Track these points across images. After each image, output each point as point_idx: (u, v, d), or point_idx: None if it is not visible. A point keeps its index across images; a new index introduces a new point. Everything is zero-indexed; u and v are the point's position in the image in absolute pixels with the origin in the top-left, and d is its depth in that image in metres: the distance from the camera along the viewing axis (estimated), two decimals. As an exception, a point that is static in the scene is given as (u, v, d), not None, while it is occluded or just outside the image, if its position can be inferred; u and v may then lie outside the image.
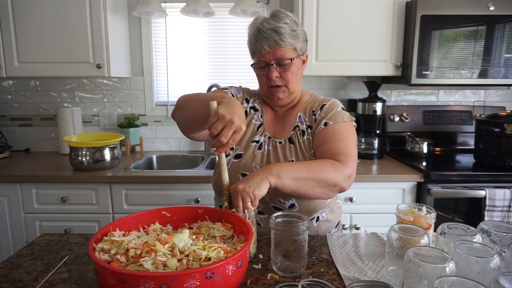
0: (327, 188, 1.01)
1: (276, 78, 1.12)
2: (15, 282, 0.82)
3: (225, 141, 0.84)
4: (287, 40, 1.09)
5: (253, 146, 1.18)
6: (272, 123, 1.23)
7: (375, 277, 0.84)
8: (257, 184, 0.91)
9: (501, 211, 1.77)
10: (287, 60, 1.11)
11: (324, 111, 1.17)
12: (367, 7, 2.00)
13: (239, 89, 1.27)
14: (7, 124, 2.46)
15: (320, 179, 0.99)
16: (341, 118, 1.15)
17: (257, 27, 1.10)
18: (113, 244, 0.75)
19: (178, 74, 2.48)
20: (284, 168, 0.97)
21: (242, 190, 0.89)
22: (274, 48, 1.09)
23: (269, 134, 1.20)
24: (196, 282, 0.61)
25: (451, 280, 0.60)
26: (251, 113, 1.24)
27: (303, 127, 1.18)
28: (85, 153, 1.89)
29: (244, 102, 1.25)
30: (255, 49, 1.12)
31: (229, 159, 1.18)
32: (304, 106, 1.22)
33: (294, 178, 0.96)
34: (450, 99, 2.47)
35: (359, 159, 2.16)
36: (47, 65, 2.05)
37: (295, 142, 1.17)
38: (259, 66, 1.14)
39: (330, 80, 2.43)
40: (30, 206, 1.88)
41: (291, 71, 1.13)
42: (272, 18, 1.11)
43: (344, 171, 1.02)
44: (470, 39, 1.95)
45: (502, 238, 0.79)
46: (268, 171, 0.94)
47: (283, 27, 1.08)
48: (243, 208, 0.88)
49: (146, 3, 2.08)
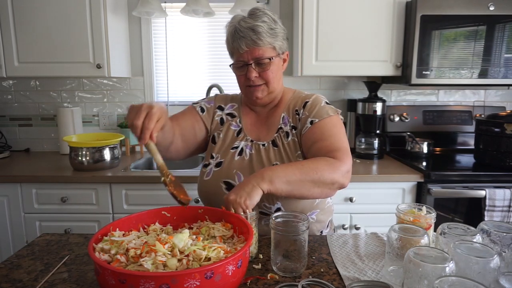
0: (324, 187, 0.99)
1: (255, 78, 1.10)
2: (15, 282, 0.82)
3: (138, 123, 0.85)
4: (265, 39, 1.06)
5: (232, 152, 1.16)
6: (254, 126, 1.21)
7: (375, 277, 0.84)
8: (248, 193, 0.89)
9: (501, 211, 1.77)
10: (266, 60, 1.08)
11: (307, 109, 1.15)
12: (367, 7, 2.00)
13: (211, 100, 1.26)
14: (7, 124, 2.46)
15: (316, 180, 0.97)
16: (326, 113, 1.13)
17: (234, 26, 1.08)
18: (113, 244, 0.75)
19: (178, 74, 2.48)
20: (277, 172, 0.94)
21: (234, 201, 0.88)
22: (252, 48, 1.06)
23: (251, 138, 1.18)
24: (196, 282, 0.61)
25: (451, 280, 0.60)
26: (228, 120, 1.22)
27: (286, 129, 1.16)
28: (85, 153, 1.89)
29: (217, 110, 1.24)
30: (233, 49, 1.10)
31: (210, 168, 1.16)
32: (287, 105, 1.19)
33: (288, 181, 0.94)
34: (450, 99, 2.47)
35: (359, 159, 2.17)
36: (47, 65, 2.05)
37: (278, 145, 1.14)
38: (238, 66, 1.12)
39: (330, 80, 2.43)
40: (30, 206, 1.88)
41: (271, 70, 1.10)
42: (250, 17, 1.08)
43: (342, 167, 1.00)
44: (470, 39, 1.95)
45: (502, 238, 0.79)
46: (260, 178, 0.93)
47: (261, 25, 1.06)
48: None
49: (146, 3, 2.08)
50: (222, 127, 1.22)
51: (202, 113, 1.23)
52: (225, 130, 1.21)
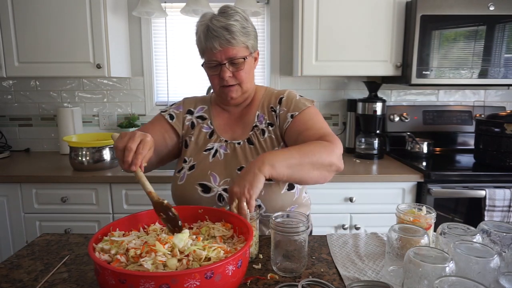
0: (323, 169, 0.98)
1: (229, 78, 1.08)
2: (15, 282, 0.82)
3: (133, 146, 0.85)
4: (238, 38, 1.05)
5: (205, 154, 1.15)
6: (227, 126, 1.20)
7: (375, 277, 0.84)
8: (250, 182, 0.87)
9: (501, 211, 1.77)
10: (240, 59, 1.07)
11: (284, 104, 1.15)
12: (367, 7, 2.00)
13: (179, 105, 1.24)
14: (7, 124, 2.46)
15: (314, 162, 0.95)
16: (303, 105, 1.13)
17: (207, 25, 1.05)
18: (113, 244, 0.75)
19: (178, 74, 2.48)
20: (277, 156, 0.92)
21: (237, 193, 0.87)
22: (226, 47, 1.05)
23: (226, 138, 1.17)
24: (196, 282, 0.61)
25: (451, 280, 0.60)
26: (199, 122, 1.21)
27: (262, 126, 1.15)
28: (85, 153, 1.89)
29: (187, 115, 1.22)
30: (206, 48, 1.07)
31: (183, 173, 1.14)
32: (260, 103, 1.19)
33: (289, 165, 0.92)
34: (450, 99, 2.47)
35: (359, 159, 2.17)
36: (47, 65, 2.05)
37: (254, 143, 1.14)
38: (211, 65, 1.09)
39: (330, 80, 2.43)
40: (30, 206, 1.88)
41: (244, 70, 1.09)
42: (221, 15, 1.06)
43: (336, 150, 1.00)
44: (470, 39, 1.95)
45: (502, 238, 0.79)
46: (261, 163, 0.90)
47: (234, 24, 1.04)
48: (240, 210, 0.86)
49: (146, 3, 2.08)
50: (193, 130, 1.20)
51: (172, 120, 1.20)
52: (196, 133, 1.19)
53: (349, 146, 2.37)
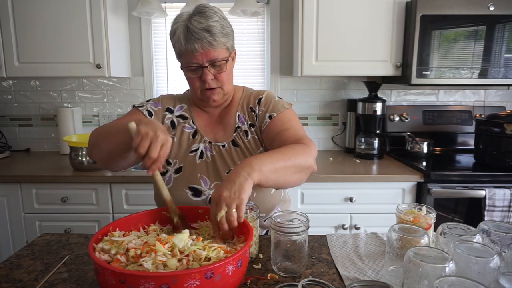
0: (302, 172, 0.98)
1: (211, 81, 1.06)
2: (15, 282, 0.82)
3: (156, 155, 0.80)
4: (219, 39, 1.02)
5: (192, 156, 1.12)
6: (208, 127, 1.17)
7: (375, 277, 0.84)
8: (241, 185, 0.81)
9: (501, 211, 1.77)
10: (222, 61, 1.04)
11: (263, 105, 1.15)
12: (367, 7, 2.00)
13: (157, 102, 1.19)
14: (7, 124, 2.46)
15: (296, 165, 0.94)
16: (282, 107, 1.13)
17: (186, 26, 1.01)
18: (113, 244, 0.75)
19: (178, 74, 2.48)
20: (264, 160, 0.88)
21: (227, 198, 0.79)
22: (207, 49, 1.01)
23: (209, 139, 1.14)
24: (196, 282, 0.61)
25: (451, 280, 0.60)
26: (180, 122, 1.16)
27: (244, 127, 1.15)
28: (85, 153, 1.89)
29: (167, 113, 1.17)
30: (186, 50, 1.02)
31: (169, 176, 1.10)
32: (240, 103, 1.18)
33: (275, 169, 0.89)
34: (450, 99, 2.47)
35: (359, 159, 2.17)
36: (47, 65, 2.05)
37: (239, 144, 1.13)
38: (191, 68, 1.06)
39: (330, 80, 2.43)
40: (30, 206, 1.88)
41: (226, 72, 1.07)
42: (200, 15, 1.02)
43: (312, 152, 1.00)
44: (470, 39, 1.95)
45: (502, 238, 0.79)
46: (249, 167, 0.85)
47: (215, 25, 1.01)
48: (228, 217, 0.78)
49: (146, 3, 2.08)
50: (174, 130, 1.15)
51: (151, 117, 1.14)
52: (178, 133, 1.15)
53: (349, 146, 2.37)
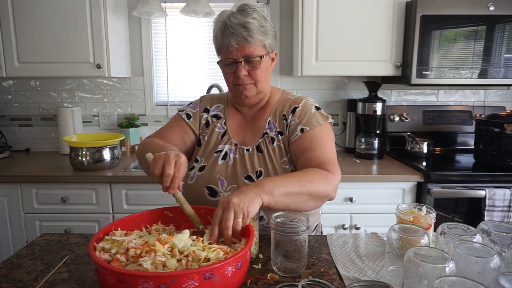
0: (318, 200, 0.98)
1: (245, 77, 1.06)
2: (15, 282, 0.82)
3: (171, 172, 0.84)
4: (256, 36, 1.02)
5: (215, 156, 1.13)
6: (239, 129, 1.18)
7: (375, 277, 0.84)
8: (251, 200, 0.83)
9: (501, 211, 1.77)
10: (256, 58, 1.04)
11: (297, 115, 1.11)
12: (367, 7, 2.00)
13: (196, 104, 1.23)
14: (7, 124, 2.46)
15: (312, 193, 0.94)
16: (316, 122, 1.09)
17: (224, 22, 1.03)
18: (113, 243, 0.75)
19: (178, 74, 2.48)
20: (276, 184, 0.90)
21: (236, 205, 0.80)
22: (242, 45, 1.02)
23: (236, 141, 1.15)
24: (195, 283, 0.61)
25: (451, 280, 0.60)
26: (213, 121, 1.19)
27: (272, 134, 1.12)
28: (85, 153, 1.89)
29: (204, 113, 1.21)
30: (222, 45, 1.05)
31: (194, 172, 1.13)
32: (274, 108, 1.16)
33: (287, 194, 0.90)
34: (450, 99, 2.47)
35: (359, 159, 2.17)
36: (47, 65, 2.05)
37: (263, 151, 1.11)
38: (226, 63, 1.07)
39: (330, 80, 2.43)
40: (30, 206, 1.88)
41: (260, 69, 1.06)
42: (240, 13, 1.04)
43: (334, 181, 0.99)
44: (470, 39, 1.95)
45: (502, 238, 0.79)
46: (260, 188, 0.87)
47: (252, 22, 1.02)
48: (234, 225, 0.79)
49: (146, 3, 2.08)
50: (207, 129, 1.19)
51: (189, 120, 1.19)
52: (209, 132, 1.18)
53: (349, 146, 2.37)
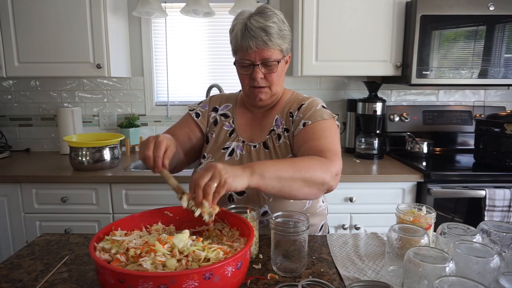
0: (314, 187, 0.93)
1: (261, 79, 1.08)
2: (15, 282, 0.82)
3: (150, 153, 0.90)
4: (275, 40, 1.04)
5: (221, 153, 1.16)
6: (248, 126, 1.20)
7: (375, 277, 0.84)
8: (235, 174, 0.80)
9: (501, 211, 1.77)
10: (274, 62, 1.06)
11: (302, 111, 1.12)
12: (367, 7, 2.00)
13: (205, 103, 1.26)
14: (7, 124, 2.46)
15: (307, 178, 0.90)
16: (320, 117, 1.09)
17: (245, 24, 1.04)
18: (113, 243, 0.75)
19: (178, 74, 2.48)
20: (267, 167, 0.87)
21: (217, 171, 0.78)
22: (261, 48, 1.04)
23: (243, 139, 1.17)
24: (195, 283, 0.61)
25: (451, 280, 0.60)
26: (222, 120, 1.22)
27: (279, 131, 1.14)
28: (85, 153, 1.89)
29: (212, 112, 1.24)
30: (241, 47, 1.06)
31: (201, 168, 1.15)
32: (282, 107, 1.18)
33: (279, 178, 0.87)
34: (450, 99, 2.47)
35: (359, 159, 2.17)
36: (47, 65, 2.05)
37: (269, 147, 1.13)
38: (243, 65, 1.08)
39: (330, 80, 2.43)
40: (30, 206, 1.88)
41: (276, 73, 1.08)
42: (260, 15, 1.05)
43: (332, 168, 0.95)
44: (470, 39, 1.95)
45: (502, 238, 0.79)
46: (250, 169, 0.85)
47: (272, 26, 1.03)
48: (205, 187, 0.77)
49: (146, 3, 2.08)
50: (215, 127, 1.22)
51: (197, 118, 1.23)
52: (218, 130, 1.21)
53: (349, 146, 2.37)
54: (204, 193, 0.78)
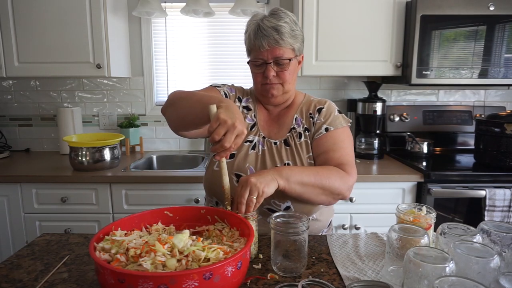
0: (330, 196, 1.05)
1: (273, 77, 1.12)
2: (15, 282, 0.82)
3: (228, 146, 0.82)
4: (287, 39, 1.09)
5: (246, 146, 1.17)
6: (266, 123, 1.23)
7: (375, 277, 0.84)
8: (267, 182, 0.92)
9: (501, 211, 1.77)
10: (286, 60, 1.10)
11: (323, 115, 1.18)
12: (367, 7, 2.00)
13: (232, 88, 1.25)
14: (7, 124, 2.46)
15: (326, 187, 1.02)
16: (340, 124, 1.17)
17: (257, 24, 1.09)
18: (113, 243, 0.75)
19: (178, 74, 2.48)
20: (294, 172, 0.99)
21: (253, 184, 0.89)
22: (274, 47, 1.08)
23: (264, 134, 1.20)
24: (195, 283, 0.61)
25: (451, 280, 0.60)
26: (244, 112, 1.23)
27: (300, 130, 1.18)
28: (85, 153, 1.89)
29: (237, 101, 1.24)
30: (254, 46, 1.11)
31: None
32: (299, 107, 1.22)
33: (302, 183, 0.99)
34: (450, 99, 2.47)
35: (359, 159, 2.17)
36: (47, 65, 2.05)
37: (290, 144, 1.16)
38: (256, 63, 1.13)
39: (330, 80, 2.43)
40: (30, 206, 1.88)
41: (288, 71, 1.13)
42: (272, 16, 1.10)
43: (349, 181, 1.07)
44: (470, 39, 1.95)
45: (502, 238, 0.79)
46: (278, 173, 0.96)
47: (284, 26, 1.08)
48: (248, 201, 0.88)
49: (146, 3, 2.08)
50: None
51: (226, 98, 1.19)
52: None
53: (349, 146, 2.36)
54: (247, 206, 0.89)
